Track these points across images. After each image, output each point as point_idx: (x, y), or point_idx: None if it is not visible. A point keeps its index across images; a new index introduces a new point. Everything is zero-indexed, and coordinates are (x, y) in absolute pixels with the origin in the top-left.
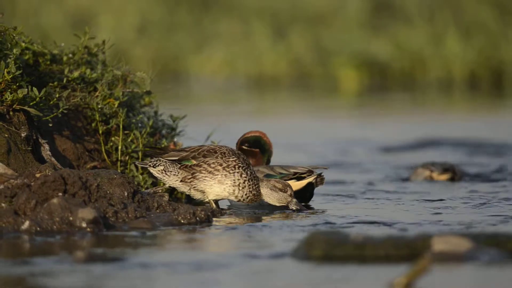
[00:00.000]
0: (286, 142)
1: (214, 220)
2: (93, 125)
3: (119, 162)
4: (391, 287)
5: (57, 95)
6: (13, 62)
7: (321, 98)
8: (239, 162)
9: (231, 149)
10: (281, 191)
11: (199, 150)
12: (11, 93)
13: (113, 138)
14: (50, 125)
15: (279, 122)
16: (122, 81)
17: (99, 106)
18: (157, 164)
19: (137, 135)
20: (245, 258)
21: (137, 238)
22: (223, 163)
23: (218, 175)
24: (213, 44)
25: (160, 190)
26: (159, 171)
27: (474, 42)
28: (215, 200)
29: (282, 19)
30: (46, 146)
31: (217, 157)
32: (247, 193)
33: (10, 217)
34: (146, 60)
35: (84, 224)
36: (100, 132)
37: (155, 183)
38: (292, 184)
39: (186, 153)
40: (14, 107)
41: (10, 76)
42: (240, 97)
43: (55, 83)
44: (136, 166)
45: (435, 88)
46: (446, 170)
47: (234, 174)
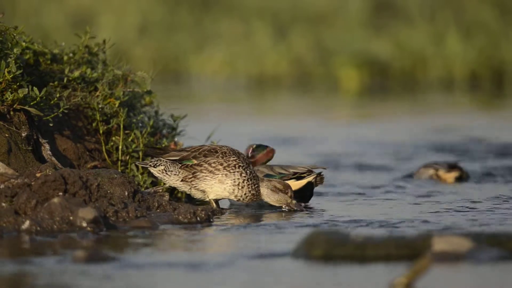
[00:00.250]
0: (287, 141)
1: (214, 219)
2: (93, 124)
3: (119, 162)
4: (391, 287)
5: (57, 95)
6: (13, 61)
7: (322, 98)
8: (240, 161)
9: (232, 148)
10: (281, 192)
11: (200, 150)
12: (11, 93)
13: (113, 138)
14: (51, 124)
15: (280, 122)
16: (123, 80)
17: (100, 106)
18: (158, 164)
19: (137, 134)
20: (245, 257)
21: (138, 237)
22: (224, 163)
23: (218, 174)
24: (213, 44)
25: (160, 190)
26: (159, 170)
27: (475, 42)
28: (215, 200)
29: (283, 19)
30: (47, 146)
31: (218, 157)
32: (246, 193)
33: (10, 216)
34: (146, 59)
35: (84, 224)
36: (101, 131)
37: (155, 182)
38: (291, 184)
39: (187, 153)
40: (14, 106)
41: (10, 76)
42: (240, 97)
43: (56, 82)
44: (136, 166)
45: (436, 88)
46: (452, 167)
47: (234, 174)
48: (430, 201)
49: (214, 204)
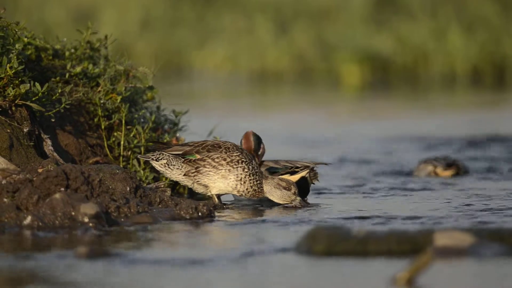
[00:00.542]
0: (288, 136)
1: (216, 215)
2: (95, 120)
3: (121, 157)
4: (393, 282)
5: (59, 90)
6: (15, 57)
7: (324, 93)
8: (243, 157)
9: (235, 144)
10: (285, 189)
11: (203, 145)
12: (13, 88)
13: (115, 133)
14: (53, 120)
15: (282, 117)
16: (125, 76)
17: (102, 101)
18: (160, 158)
19: (139, 130)
20: (248, 253)
21: (139, 233)
22: (227, 158)
23: (222, 169)
24: (216, 39)
25: (162, 185)
26: (162, 164)
27: (476, 37)
28: (217, 195)
29: (285, 14)
30: (49, 141)
31: (221, 152)
32: (248, 188)
33: (12, 212)
34: (148, 55)
35: (86, 219)
36: (103, 127)
37: (157, 178)
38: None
39: (190, 148)
40: (16, 102)
41: (12, 71)
42: (242, 92)
43: (58, 78)
44: (138, 161)
45: (438, 83)
46: (449, 165)
47: (237, 169)
48: (431, 197)
49: (216, 199)
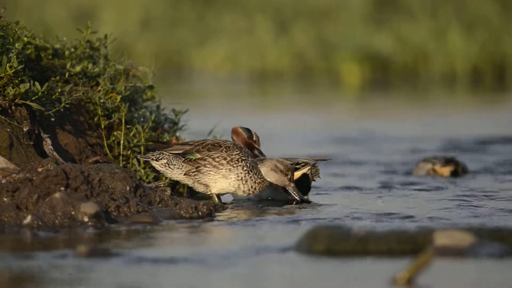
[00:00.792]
0: (288, 135)
1: (216, 214)
2: (95, 119)
3: (121, 157)
4: (393, 281)
5: (59, 90)
6: (15, 56)
7: (324, 93)
8: (242, 155)
9: (235, 143)
10: (281, 172)
11: (204, 144)
12: (13, 88)
13: (115, 133)
14: (52, 119)
15: (282, 117)
16: (125, 75)
17: (101, 101)
18: (160, 158)
19: (139, 129)
20: (248, 252)
21: (139, 232)
22: (227, 157)
23: (222, 169)
24: (216, 38)
25: (162, 185)
26: (162, 164)
27: (476, 37)
28: (217, 194)
29: (285, 14)
30: (48, 141)
31: (221, 151)
32: (252, 185)
33: (12, 211)
34: (148, 54)
35: (86, 219)
36: (102, 126)
37: (157, 177)
38: None
39: (190, 147)
40: (16, 101)
41: (12, 71)
42: (242, 92)
43: (57, 77)
44: (138, 160)
45: (438, 83)
46: (448, 162)
47: (237, 168)
48: (430, 196)
49: (216, 199)
